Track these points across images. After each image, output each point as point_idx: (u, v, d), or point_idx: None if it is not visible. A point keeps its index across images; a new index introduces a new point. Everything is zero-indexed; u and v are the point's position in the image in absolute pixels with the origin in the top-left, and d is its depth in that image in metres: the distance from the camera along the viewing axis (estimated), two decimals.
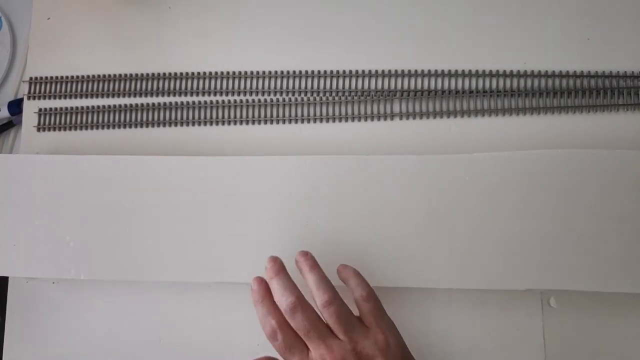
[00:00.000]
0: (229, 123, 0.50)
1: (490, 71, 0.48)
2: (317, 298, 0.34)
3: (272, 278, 0.36)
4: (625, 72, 0.47)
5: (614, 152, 0.42)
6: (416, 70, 0.48)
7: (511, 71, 0.48)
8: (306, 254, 0.38)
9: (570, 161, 0.42)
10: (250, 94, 0.50)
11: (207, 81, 0.50)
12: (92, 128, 0.51)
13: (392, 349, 0.33)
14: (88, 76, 0.52)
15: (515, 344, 0.43)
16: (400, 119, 0.48)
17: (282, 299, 0.34)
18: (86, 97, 0.51)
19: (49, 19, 0.53)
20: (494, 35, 0.49)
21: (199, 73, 0.50)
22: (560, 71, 0.47)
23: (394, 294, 0.42)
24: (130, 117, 0.51)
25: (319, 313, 0.35)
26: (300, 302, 0.34)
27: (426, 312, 0.40)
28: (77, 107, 0.51)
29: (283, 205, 0.43)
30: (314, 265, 0.37)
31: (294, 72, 0.50)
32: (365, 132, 0.48)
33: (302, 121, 0.49)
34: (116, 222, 0.44)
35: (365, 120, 0.48)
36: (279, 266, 0.37)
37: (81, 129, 0.51)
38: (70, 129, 0.51)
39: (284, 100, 0.49)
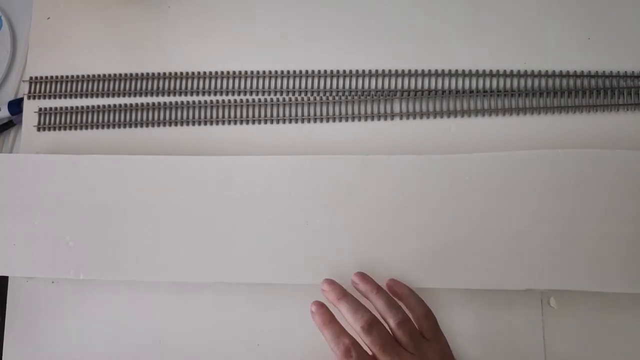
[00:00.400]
0: (229, 123, 0.50)
1: (491, 71, 0.48)
2: (390, 317, 0.37)
3: (339, 299, 0.38)
4: (626, 72, 0.47)
5: (614, 152, 0.42)
6: (416, 70, 0.48)
7: (511, 71, 0.48)
8: (364, 276, 0.40)
9: (570, 161, 0.42)
10: (250, 94, 0.50)
11: (207, 81, 0.50)
12: (92, 128, 0.51)
13: (448, 357, 0.38)
14: (88, 76, 0.52)
15: (515, 344, 0.43)
16: (400, 119, 0.48)
17: (357, 317, 0.37)
18: (86, 97, 0.51)
19: (49, 18, 0.53)
20: (494, 35, 0.49)
21: (199, 73, 0.50)
22: (561, 71, 0.47)
23: None
24: (130, 117, 0.51)
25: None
26: (375, 320, 0.37)
27: None
28: (77, 107, 0.51)
29: (283, 205, 0.43)
30: (380, 287, 0.39)
31: (294, 72, 0.50)
32: (365, 132, 0.48)
33: (302, 121, 0.49)
34: (116, 222, 0.44)
35: (365, 120, 0.48)
36: (341, 288, 0.40)
37: (81, 128, 0.51)
38: (70, 128, 0.51)
39: (284, 100, 0.49)
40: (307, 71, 0.49)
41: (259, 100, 0.50)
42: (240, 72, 0.50)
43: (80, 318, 0.47)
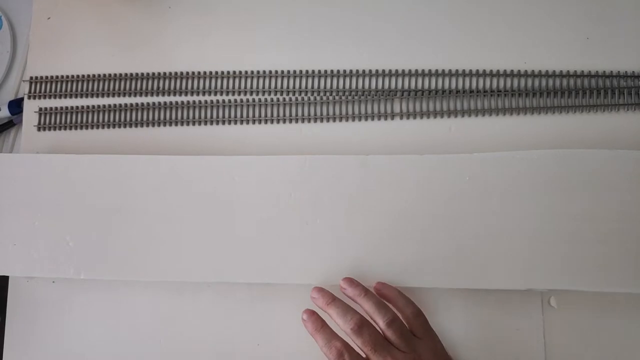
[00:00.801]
0: (229, 123, 0.50)
1: (491, 71, 0.48)
2: (379, 318, 0.38)
3: (329, 304, 0.39)
4: (626, 72, 0.47)
5: (614, 152, 0.42)
6: (416, 70, 0.48)
7: (511, 71, 0.48)
8: (352, 281, 0.40)
9: (570, 161, 0.42)
10: (250, 94, 0.50)
11: (207, 81, 0.50)
12: (92, 128, 0.51)
13: (441, 354, 0.38)
14: (88, 76, 0.52)
15: (515, 344, 0.42)
16: (400, 118, 0.48)
17: (347, 319, 0.37)
18: (86, 96, 0.51)
19: (49, 18, 0.53)
20: (494, 35, 0.49)
21: (199, 73, 0.50)
22: (561, 71, 0.47)
23: None
24: (130, 117, 0.51)
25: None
26: (365, 321, 0.37)
27: (426, 312, 0.40)
28: (77, 107, 0.51)
29: (283, 205, 0.43)
30: (367, 290, 0.40)
31: (294, 72, 0.50)
32: (365, 132, 0.48)
33: (302, 121, 0.49)
34: (116, 221, 0.44)
35: (365, 120, 0.48)
36: (330, 294, 0.40)
37: (81, 128, 0.51)
38: (70, 128, 0.51)
39: (284, 100, 0.49)
40: (307, 71, 0.49)
41: (259, 100, 0.50)
42: (240, 72, 0.50)
43: (81, 318, 0.47)
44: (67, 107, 0.51)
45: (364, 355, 0.37)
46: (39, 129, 0.51)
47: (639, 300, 0.42)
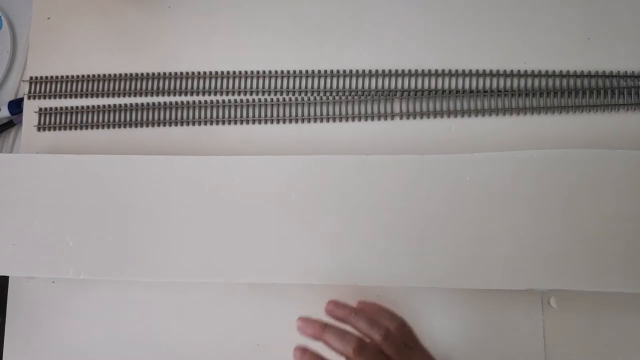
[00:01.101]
0: (229, 123, 0.50)
1: (491, 71, 0.48)
2: (374, 333, 0.37)
3: (323, 330, 0.38)
4: (626, 72, 0.47)
5: (614, 152, 0.42)
6: (416, 70, 0.48)
7: (511, 71, 0.48)
8: (337, 302, 0.40)
9: (570, 161, 0.42)
10: (250, 94, 0.50)
11: (207, 81, 0.50)
12: (92, 128, 0.51)
13: None
14: (88, 76, 0.52)
15: (515, 344, 0.43)
16: (401, 118, 0.48)
17: (345, 342, 0.37)
18: (86, 97, 0.51)
19: (49, 19, 0.53)
20: (494, 35, 0.49)
21: (199, 73, 0.50)
22: (561, 71, 0.47)
23: (395, 294, 0.43)
24: (130, 117, 0.51)
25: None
26: (363, 340, 0.37)
27: (426, 312, 0.40)
28: (77, 107, 0.51)
29: (283, 205, 0.43)
30: (355, 309, 0.40)
31: (294, 72, 0.50)
32: (365, 132, 0.48)
33: (302, 121, 0.49)
34: (116, 222, 0.44)
35: (365, 120, 0.48)
36: (318, 321, 0.39)
37: (81, 128, 0.51)
38: (70, 128, 0.51)
39: (284, 100, 0.49)
40: (307, 71, 0.49)
41: (259, 100, 0.50)
42: (240, 72, 0.50)
43: (81, 318, 0.47)
44: (67, 107, 0.51)
45: None
46: (39, 129, 0.51)
47: (639, 300, 0.42)
